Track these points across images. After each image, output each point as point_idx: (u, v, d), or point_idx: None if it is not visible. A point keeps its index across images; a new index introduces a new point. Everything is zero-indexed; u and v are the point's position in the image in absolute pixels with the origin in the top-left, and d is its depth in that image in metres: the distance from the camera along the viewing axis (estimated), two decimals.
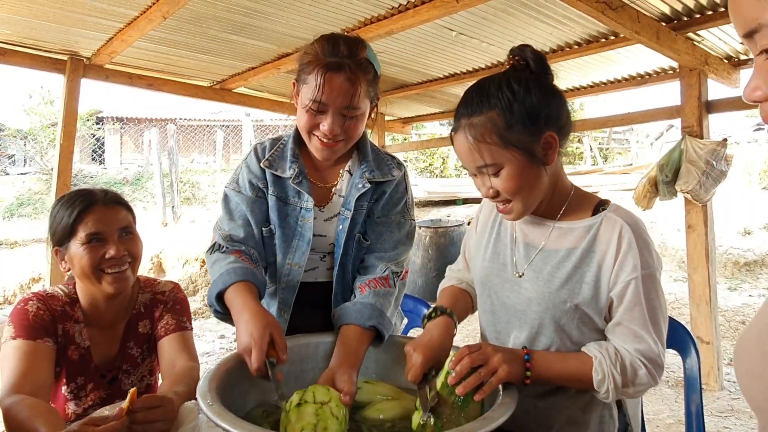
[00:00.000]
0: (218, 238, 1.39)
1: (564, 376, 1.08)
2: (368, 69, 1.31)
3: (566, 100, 1.13)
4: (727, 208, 7.06)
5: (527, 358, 1.06)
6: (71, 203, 1.38)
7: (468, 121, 1.07)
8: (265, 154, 1.42)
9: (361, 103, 1.30)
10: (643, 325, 1.06)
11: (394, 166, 1.47)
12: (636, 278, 1.05)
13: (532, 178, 1.09)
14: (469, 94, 1.11)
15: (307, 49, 1.32)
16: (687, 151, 3.63)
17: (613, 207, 1.14)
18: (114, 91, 24.61)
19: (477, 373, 1.01)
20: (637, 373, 1.05)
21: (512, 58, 1.12)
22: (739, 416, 3.30)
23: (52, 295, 1.41)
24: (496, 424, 0.90)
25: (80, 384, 1.40)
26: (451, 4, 2.76)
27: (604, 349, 1.07)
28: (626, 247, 1.06)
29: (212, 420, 0.90)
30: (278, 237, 1.41)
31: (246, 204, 1.40)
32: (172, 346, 1.42)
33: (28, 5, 3.09)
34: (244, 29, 3.44)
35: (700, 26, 3.18)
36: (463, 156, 1.11)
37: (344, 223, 1.40)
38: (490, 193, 1.11)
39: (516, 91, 1.05)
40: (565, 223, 1.16)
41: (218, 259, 1.32)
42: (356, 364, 1.21)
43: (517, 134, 1.05)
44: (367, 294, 1.34)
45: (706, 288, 3.67)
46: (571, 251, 1.12)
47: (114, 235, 1.38)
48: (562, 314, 1.11)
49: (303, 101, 1.30)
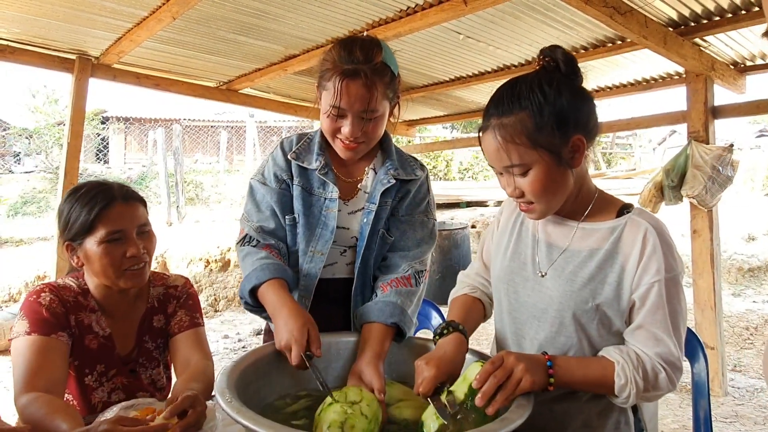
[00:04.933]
0: (249, 230, 1.43)
1: (586, 381, 1.08)
2: (384, 72, 1.33)
3: (595, 104, 1.13)
4: (730, 214, 7.06)
5: (549, 364, 1.05)
6: (90, 198, 1.34)
7: (498, 121, 1.07)
8: (291, 147, 1.47)
9: (378, 106, 1.33)
10: (665, 328, 1.06)
11: (417, 166, 1.52)
12: (659, 281, 1.05)
13: (558, 180, 1.09)
14: (499, 94, 1.11)
15: (326, 56, 1.35)
16: (693, 156, 3.64)
17: (637, 210, 1.14)
18: (118, 91, 24.67)
19: (503, 391, 0.99)
20: (657, 378, 1.05)
21: (542, 59, 1.12)
22: (743, 422, 3.30)
23: (65, 286, 1.39)
24: (514, 425, 0.90)
25: (102, 371, 1.39)
26: (460, 7, 2.77)
27: (625, 353, 1.07)
28: (651, 249, 1.06)
29: (232, 416, 0.90)
30: (302, 225, 1.44)
31: (271, 195, 1.44)
32: (186, 344, 1.43)
33: (38, 4, 3.11)
34: (251, 30, 3.45)
35: (707, 32, 3.19)
36: (490, 155, 1.11)
37: (369, 217, 1.43)
38: (516, 193, 1.12)
39: (547, 93, 1.05)
40: (589, 224, 1.16)
41: (250, 252, 1.38)
42: (381, 357, 1.24)
43: (546, 136, 1.05)
44: (389, 293, 1.37)
45: (711, 293, 3.67)
46: (595, 251, 1.12)
47: (133, 232, 1.37)
48: (583, 313, 1.11)
49: (324, 107, 1.35)
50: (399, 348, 1.34)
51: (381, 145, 1.50)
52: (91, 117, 13.02)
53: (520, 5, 2.93)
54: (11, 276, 5.87)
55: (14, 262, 6.30)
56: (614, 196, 1.21)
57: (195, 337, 1.45)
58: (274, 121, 15.54)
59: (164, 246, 6.60)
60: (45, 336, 1.28)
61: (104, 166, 13.43)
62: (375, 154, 1.50)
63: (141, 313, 1.47)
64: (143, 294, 1.49)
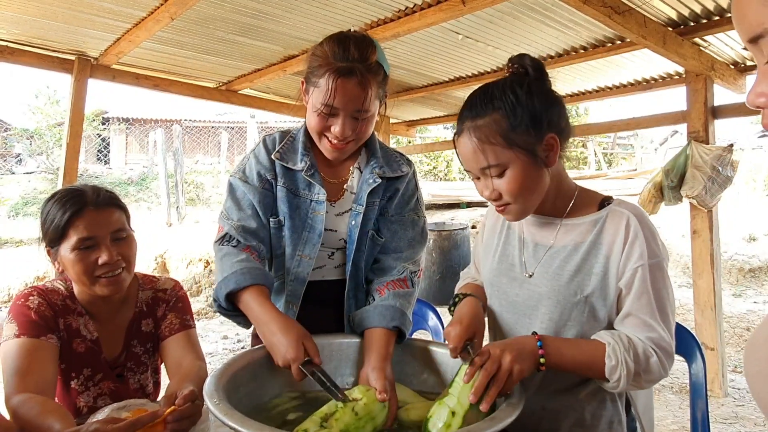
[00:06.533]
0: (229, 229, 1.36)
1: (576, 361, 1.08)
2: (378, 71, 1.31)
3: (565, 105, 1.16)
4: (731, 215, 7.04)
5: (540, 344, 1.06)
6: (62, 204, 1.33)
7: (472, 123, 1.09)
8: (275, 146, 1.41)
9: (371, 106, 1.31)
10: (651, 314, 1.06)
11: (403, 162, 1.48)
12: (642, 266, 1.06)
13: (535, 179, 1.10)
14: (472, 98, 1.13)
15: (317, 51, 1.30)
16: (693, 157, 3.63)
17: (617, 201, 1.16)
18: (119, 92, 24.70)
19: (495, 384, 1.00)
20: (649, 361, 1.04)
21: (512, 66, 1.15)
22: (743, 423, 3.28)
23: (52, 290, 1.38)
24: (503, 424, 0.90)
25: (88, 375, 1.39)
26: (458, 7, 2.77)
27: (616, 336, 1.07)
28: (633, 236, 1.08)
29: (219, 419, 0.90)
30: (288, 228, 1.40)
31: (253, 194, 1.38)
32: (178, 346, 1.42)
33: (37, 5, 3.11)
34: (250, 31, 3.45)
35: (707, 31, 3.18)
36: (466, 158, 1.12)
37: (356, 219, 1.40)
38: (493, 195, 1.12)
39: (519, 94, 1.08)
40: (572, 220, 1.17)
41: (229, 253, 1.31)
42: (387, 360, 1.22)
43: (520, 135, 1.07)
44: (387, 296, 1.35)
45: (711, 294, 3.66)
46: (579, 245, 1.14)
47: (106, 239, 1.33)
48: (573, 307, 1.12)
49: (314, 104, 1.30)
50: (396, 349, 1.32)
51: (365, 143, 1.45)
52: (92, 118, 13.05)
53: (518, 5, 2.92)
54: (11, 277, 5.88)
55: (14, 263, 6.30)
56: (594, 191, 1.22)
57: (186, 339, 1.44)
58: (275, 121, 15.55)
59: (164, 246, 6.61)
60: (34, 338, 1.27)
61: (105, 166, 13.44)
62: (359, 152, 1.47)
63: (129, 317, 1.46)
64: (131, 298, 1.47)
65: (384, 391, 1.11)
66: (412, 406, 1.18)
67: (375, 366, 1.18)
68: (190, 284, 6.16)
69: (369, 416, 1.05)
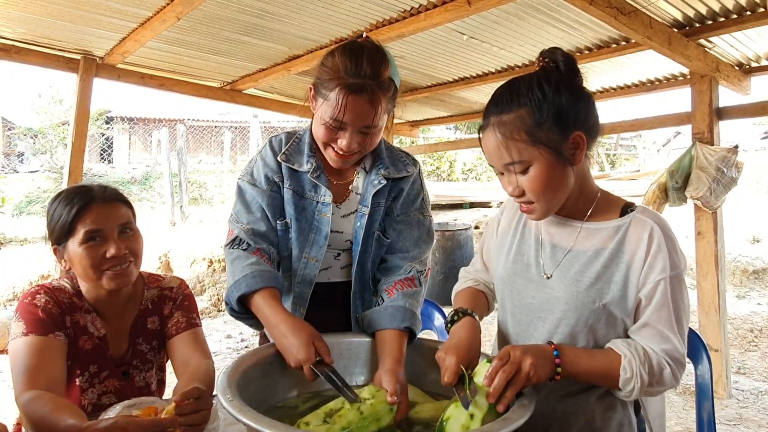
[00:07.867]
0: (238, 232, 1.36)
1: (591, 372, 1.08)
2: (390, 87, 1.29)
3: (595, 102, 1.13)
4: (735, 216, 7.03)
5: (556, 354, 1.06)
6: (69, 201, 1.34)
7: (497, 119, 1.08)
8: (281, 148, 1.41)
9: (380, 121, 1.30)
10: (669, 326, 1.06)
11: (408, 162, 1.47)
12: (665, 279, 1.06)
13: (559, 177, 1.09)
14: (498, 93, 1.11)
15: (328, 62, 1.28)
16: (697, 158, 3.62)
17: (640, 208, 1.14)
18: (123, 91, 24.75)
19: (513, 386, 0.99)
20: (662, 373, 1.05)
21: (542, 60, 1.12)
22: (747, 425, 3.28)
23: (59, 288, 1.39)
24: (515, 425, 0.90)
25: (93, 372, 1.39)
26: (464, 7, 2.77)
27: (632, 347, 1.07)
28: (656, 248, 1.07)
29: (233, 415, 0.90)
30: (294, 230, 1.40)
31: (261, 197, 1.38)
32: (185, 344, 1.42)
33: (43, 4, 3.12)
34: (255, 31, 3.46)
35: (712, 33, 3.18)
36: (490, 153, 1.11)
37: (362, 220, 1.40)
38: (516, 192, 1.11)
39: (546, 91, 1.06)
40: (593, 223, 1.16)
41: (239, 256, 1.32)
42: (401, 362, 1.22)
43: (545, 132, 1.05)
44: (396, 296, 1.35)
45: (715, 295, 3.65)
46: (600, 251, 1.12)
47: (114, 232, 1.35)
48: (590, 314, 1.11)
49: (323, 116, 1.28)
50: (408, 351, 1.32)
51: None
52: (96, 117, 13.07)
53: (524, 6, 2.92)
54: (15, 275, 5.89)
55: (19, 262, 6.33)
56: (617, 195, 1.20)
57: (193, 337, 1.44)
58: (278, 121, 15.55)
59: (168, 246, 6.63)
60: (42, 336, 1.27)
61: (109, 166, 13.47)
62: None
63: (134, 314, 1.46)
64: (136, 296, 1.48)
65: (394, 394, 1.11)
66: (421, 406, 1.18)
67: (389, 368, 1.18)
68: (194, 283, 6.17)
69: (374, 417, 1.05)
